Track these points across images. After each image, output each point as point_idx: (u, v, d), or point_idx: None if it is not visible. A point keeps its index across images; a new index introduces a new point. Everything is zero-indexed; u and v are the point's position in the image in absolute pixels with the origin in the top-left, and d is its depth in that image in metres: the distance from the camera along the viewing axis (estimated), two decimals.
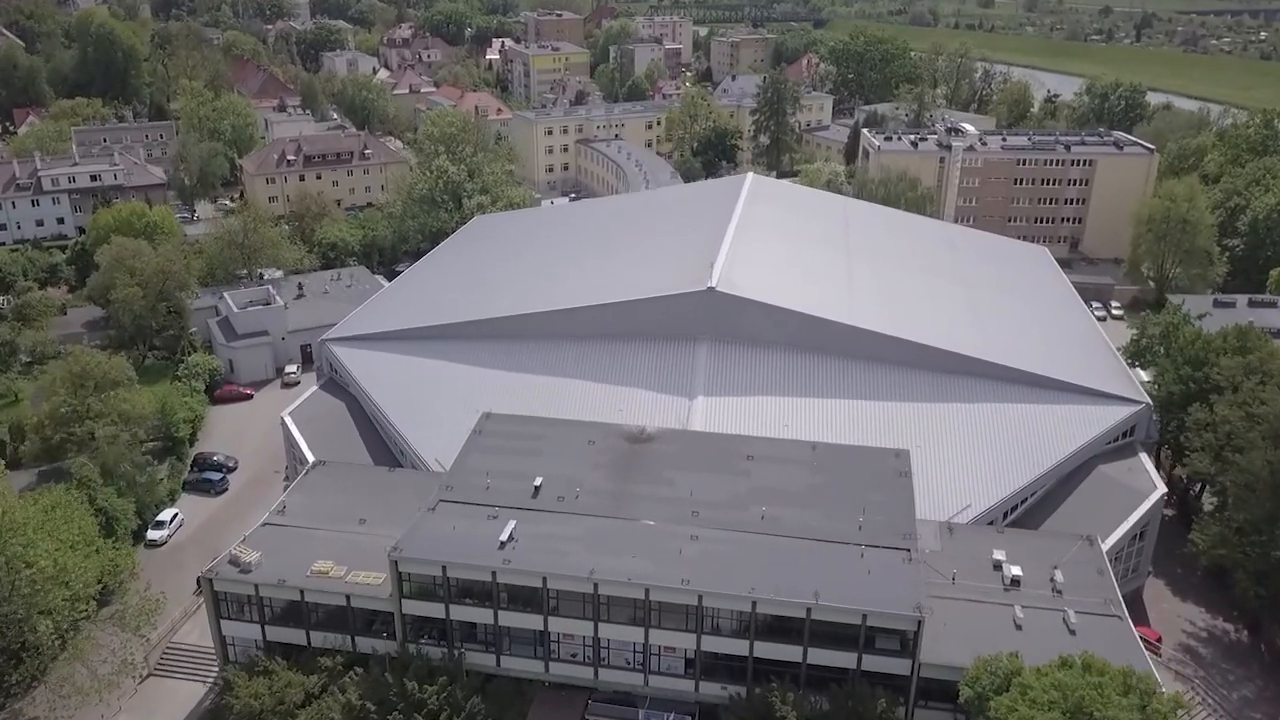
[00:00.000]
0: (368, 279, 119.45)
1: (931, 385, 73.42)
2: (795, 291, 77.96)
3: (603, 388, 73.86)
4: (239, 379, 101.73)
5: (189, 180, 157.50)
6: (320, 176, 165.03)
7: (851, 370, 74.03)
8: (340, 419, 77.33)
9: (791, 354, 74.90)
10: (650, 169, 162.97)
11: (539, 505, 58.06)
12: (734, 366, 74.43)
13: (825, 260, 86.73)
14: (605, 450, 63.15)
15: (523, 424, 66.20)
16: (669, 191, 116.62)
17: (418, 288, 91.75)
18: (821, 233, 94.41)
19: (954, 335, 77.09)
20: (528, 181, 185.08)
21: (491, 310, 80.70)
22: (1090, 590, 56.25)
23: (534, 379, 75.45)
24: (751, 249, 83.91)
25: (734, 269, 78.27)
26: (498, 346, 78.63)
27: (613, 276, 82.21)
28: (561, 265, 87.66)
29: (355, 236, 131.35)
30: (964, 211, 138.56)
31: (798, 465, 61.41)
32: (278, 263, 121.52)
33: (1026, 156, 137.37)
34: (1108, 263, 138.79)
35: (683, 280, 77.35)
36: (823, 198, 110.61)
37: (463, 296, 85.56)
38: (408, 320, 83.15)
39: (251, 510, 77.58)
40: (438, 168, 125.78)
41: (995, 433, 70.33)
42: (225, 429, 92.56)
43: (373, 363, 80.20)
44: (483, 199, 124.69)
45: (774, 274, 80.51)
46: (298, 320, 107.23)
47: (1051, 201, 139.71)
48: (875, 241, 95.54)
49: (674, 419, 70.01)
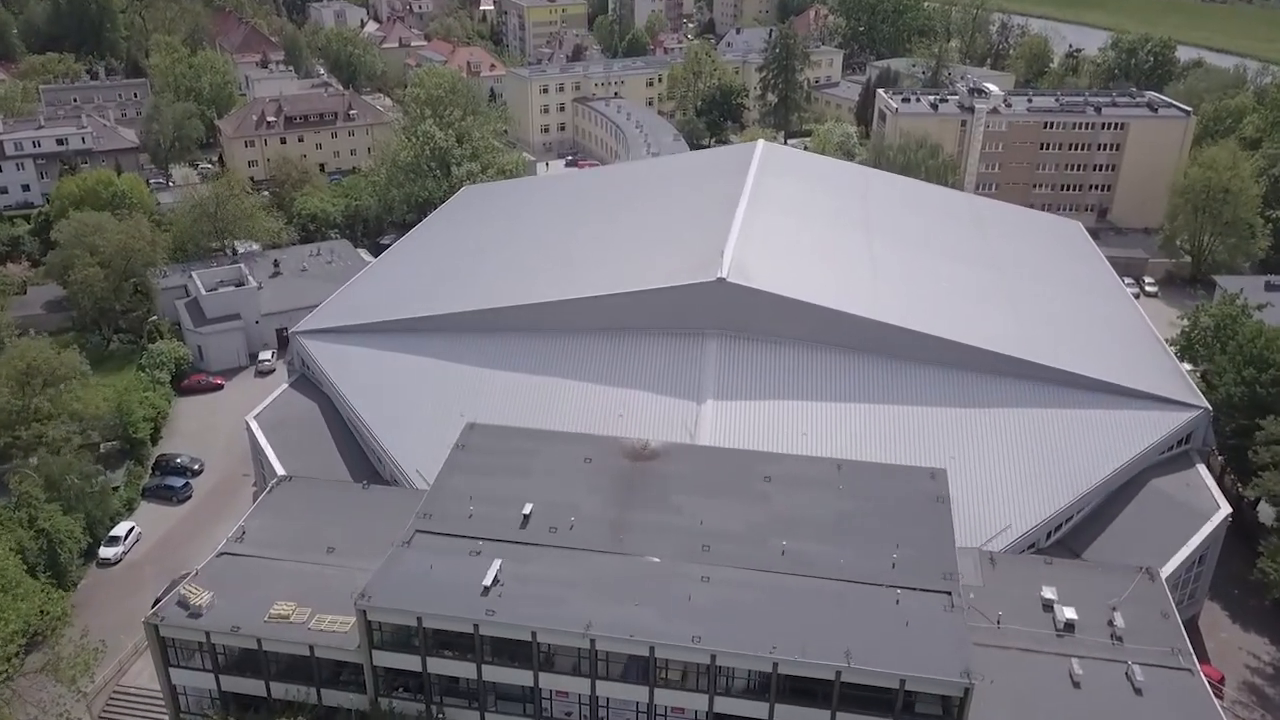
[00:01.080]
0: (349, 254, 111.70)
1: (964, 387, 66.28)
2: (813, 280, 70.48)
3: (601, 389, 66.69)
4: (208, 367, 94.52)
5: (163, 143, 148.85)
6: (302, 139, 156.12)
7: (876, 370, 66.82)
8: (312, 423, 70.17)
9: (809, 351, 67.65)
10: (651, 130, 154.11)
11: (528, 537, 51.11)
12: (746, 365, 67.22)
13: (845, 242, 79.05)
14: (603, 469, 56.13)
15: (510, 437, 59.11)
16: (673, 161, 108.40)
17: (399, 270, 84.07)
18: (839, 209, 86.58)
19: (987, 330, 69.75)
20: (522, 143, 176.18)
21: (478, 300, 73.23)
22: (1154, 637, 49.43)
23: (526, 379, 68.25)
24: (764, 230, 76.24)
25: (745, 255, 70.70)
26: (486, 341, 71.28)
27: (611, 263, 74.63)
28: (555, 248, 79.97)
29: (337, 207, 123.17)
30: (985, 179, 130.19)
31: (821, 488, 54.41)
32: (253, 235, 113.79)
33: (1054, 119, 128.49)
34: (1137, 233, 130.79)
35: (689, 268, 69.86)
36: (838, 168, 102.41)
37: (447, 283, 77.99)
38: (386, 310, 75.69)
39: (217, 521, 70.88)
40: (424, 133, 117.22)
41: (1036, 442, 63.28)
42: (192, 424, 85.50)
43: (348, 359, 72.91)
44: (472, 166, 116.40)
45: (789, 260, 72.94)
46: (273, 301, 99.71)
47: (1079, 168, 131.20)
48: (897, 219, 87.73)
49: (680, 425, 63.02)
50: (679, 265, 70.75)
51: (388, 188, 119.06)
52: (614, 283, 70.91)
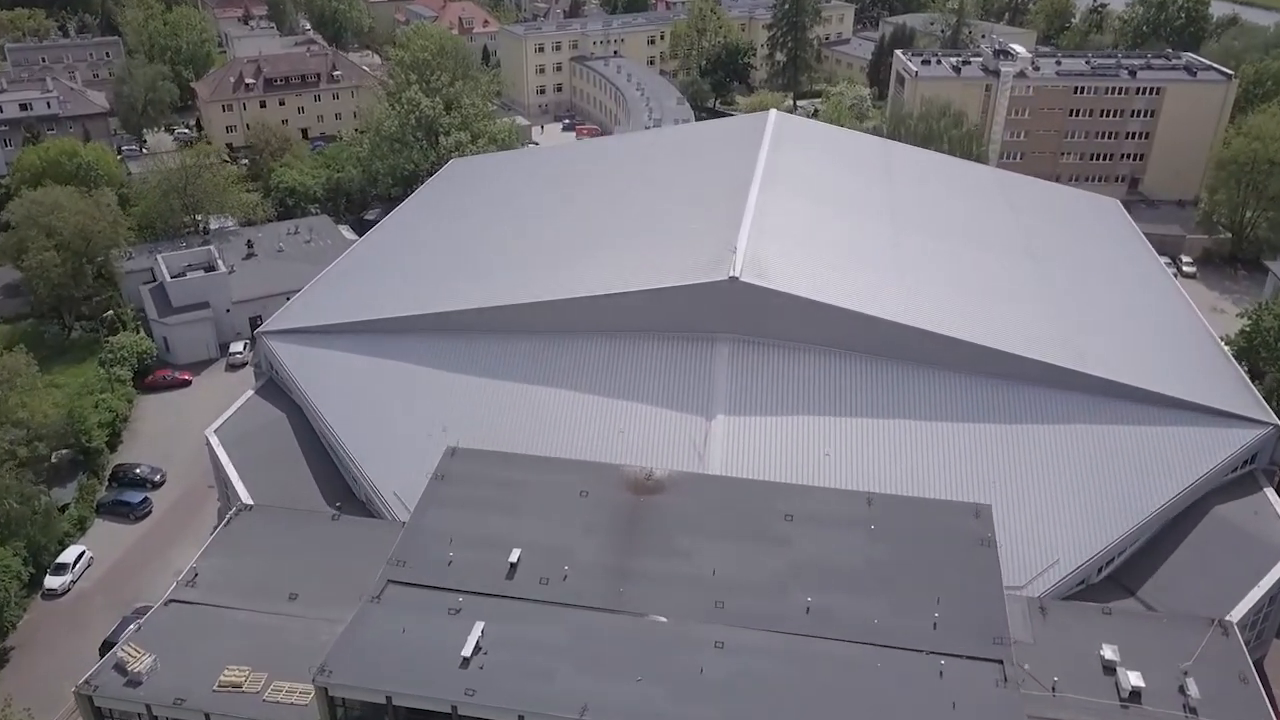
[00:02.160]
0: (330, 231, 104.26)
1: (1003, 400, 59.49)
2: (835, 278, 63.31)
3: (600, 401, 59.94)
4: (175, 360, 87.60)
5: (135, 108, 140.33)
6: (284, 102, 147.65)
7: (905, 380, 59.93)
8: (280, 436, 63.31)
9: (831, 358, 60.74)
10: (653, 93, 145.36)
11: (516, 590, 44.54)
12: (761, 374, 60.36)
13: (868, 231, 71.69)
14: (601, 504, 49.53)
15: (496, 464, 52.38)
16: (677, 133, 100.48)
17: (377, 261, 76.72)
18: (861, 191, 79.04)
19: (1027, 333, 62.70)
20: (517, 104, 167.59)
21: (464, 299, 66.10)
22: (1233, 708, 43.50)
23: (516, 388, 61.42)
24: (779, 218, 68.88)
25: (760, 248, 63.47)
26: (472, 344, 64.30)
27: (609, 256, 67.32)
28: (547, 237, 72.59)
29: (318, 179, 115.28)
30: (1010, 148, 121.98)
31: (850, 528, 47.83)
32: (226, 210, 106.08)
33: (1085, 83, 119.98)
34: (1170, 205, 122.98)
35: (697, 265, 62.68)
36: (857, 141, 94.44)
37: (430, 277, 70.79)
38: (362, 308, 68.61)
39: (178, 541, 64.69)
40: (409, 100, 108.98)
41: (1085, 464, 56.57)
42: (155, 426, 78.78)
43: (320, 364, 65.96)
44: (461, 136, 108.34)
45: (808, 253, 65.67)
46: (246, 287, 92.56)
47: (1111, 136, 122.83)
48: (924, 201, 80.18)
49: (688, 444, 56.38)
50: (686, 260, 63.56)
51: (371, 159, 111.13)
52: (613, 280, 63.73)
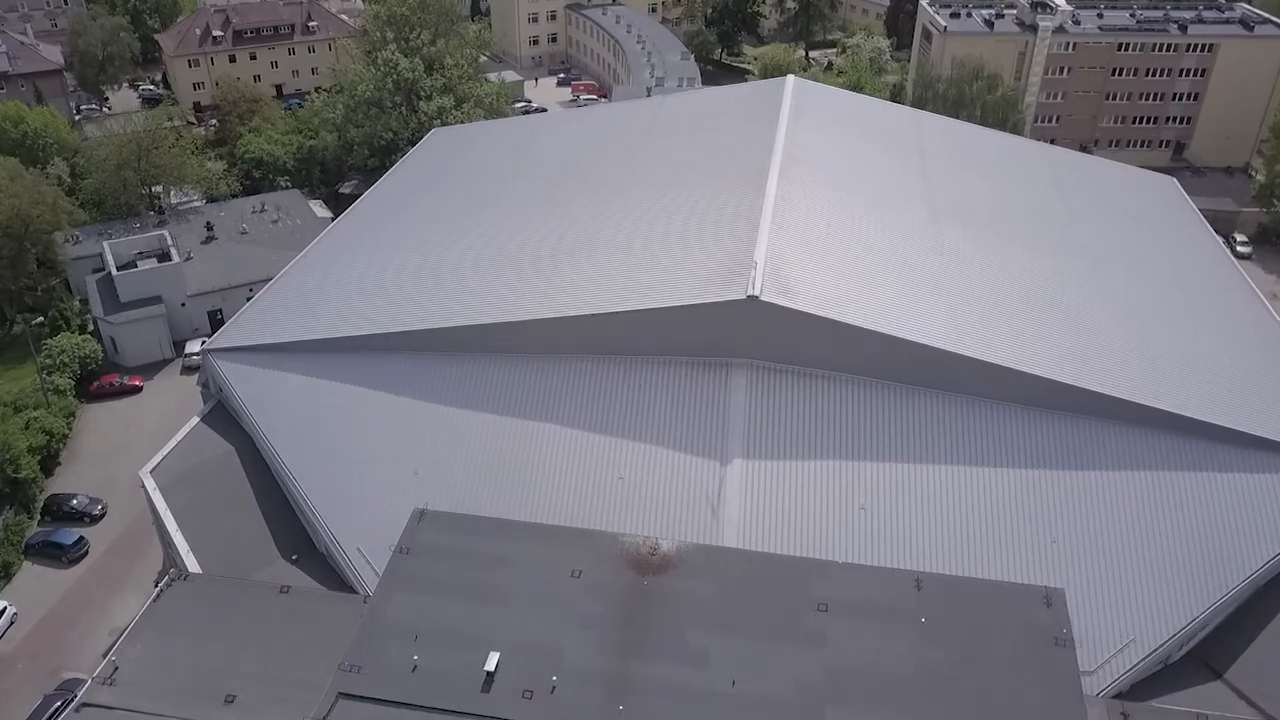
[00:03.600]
0: (299, 209, 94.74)
1: (1066, 439, 50.88)
2: (868, 291, 54.38)
3: (595, 440, 51.47)
4: (124, 362, 78.99)
5: (94, 64, 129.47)
6: (255, 56, 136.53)
7: (951, 416, 51.39)
8: (229, 475, 54.73)
9: (866, 390, 52.15)
10: (655, 46, 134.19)
11: (493, 707, 36.95)
12: (784, 407, 51.82)
13: (903, 228, 62.46)
14: (598, 588, 41.47)
15: (473, 533, 44.16)
16: (684, 102, 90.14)
17: (343, 257, 67.52)
18: (892, 176, 69.58)
19: (1089, 358, 53.98)
20: (509, 56, 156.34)
21: (441, 313, 57.18)
22: None
23: (499, 423, 52.87)
24: (802, 214, 59.70)
25: (782, 256, 54.46)
26: (451, 368, 55.51)
27: (608, 265, 58.17)
28: (536, 234, 63.40)
29: (288, 148, 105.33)
30: (1046, 110, 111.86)
31: (897, 622, 39.80)
32: (187, 181, 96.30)
33: (1130, 40, 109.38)
34: (1218, 173, 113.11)
35: (710, 278, 53.74)
36: (883, 112, 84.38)
37: (402, 282, 61.76)
38: (325, 322, 59.67)
39: (118, 591, 56.91)
40: (385, 61, 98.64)
41: (1164, 518, 48.27)
42: (100, 442, 70.43)
43: (275, 389, 57.33)
44: (444, 101, 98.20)
45: (836, 260, 56.63)
46: (205, 276, 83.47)
47: (1157, 97, 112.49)
48: (964, 188, 70.72)
49: (699, 493, 48.18)
50: (696, 270, 54.59)
51: (345, 126, 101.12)
52: (611, 295, 54.81)
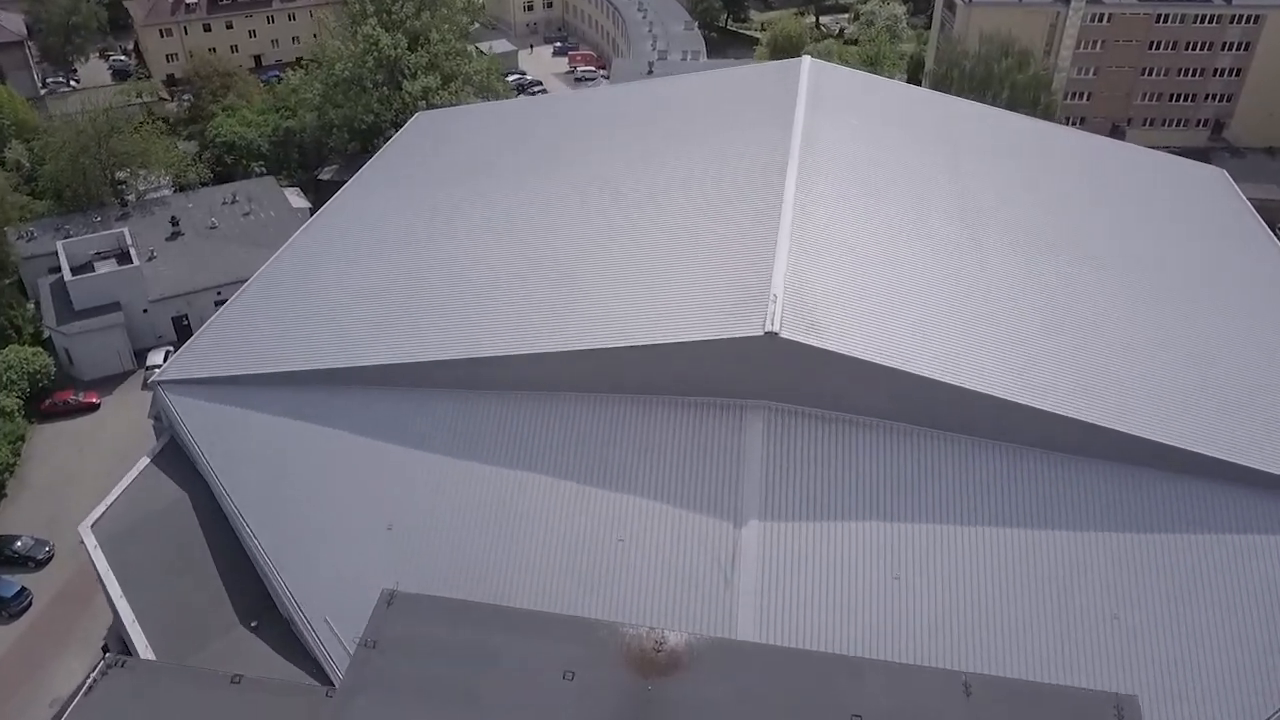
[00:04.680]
0: (274, 198, 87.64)
1: (1128, 495, 45.11)
2: (902, 324, 47.76)
3: (593, 494, 45.44)
4: (79, 375, 72.69)
5: (58, 34, 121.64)
6: (231, 25, 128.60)
7: (997, 467, 45.36)
8: (181, 528, 48.45)
9: (900, 438, 45.98)
10: (657, 14, 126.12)
11: None
12: (807, 458, 45.71)
13: (937, 240, 55.63)
14: (594, 693, 34.93)
15: (450, 621, 37.77)
16: (689, 86, 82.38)
17: (313, 270, 60.72)
18: (922, 176, 62.56)
19: (1158, 401, 47.77)
20: (502, 23, 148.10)
21: (420, 343, 50.60)
22: None
23: (485, 472, 46.56)
24: (825, 227, 52.93)
25: (804, 282, 47.91)
26: (431, 405, 49.37)
27: (606, 283, 51.60)
28: (526, 249, 56.71)
29: (263, 130, 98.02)
30: (1077, 86, 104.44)
31: None
32: (152, 166, 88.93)
33: (1169, 10, 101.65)
34: (1259, 153, 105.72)
35: (722, 306, 47.24)
36: (908, 98, 76.91)
37: (376, 304, 55.21)
38: (289, 350, 53.10)
39: (62, 652, 51.21)
40: (366, 37, 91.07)
41: (1245, 591, 42.73)
42: (50, 470, 64.31)
43: (233, 429, 51.03)
44: (429, 80, 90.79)
45: (865, 285, 50.01)
46: (168, 278, 76.82)
47: (1196, 73, 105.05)
48: (999, 187, 63.76)
49: (709, 559, 42.34)
50: (706, 300, 48.08)
51: (323, 107, 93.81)
52: (611, 327, 48.41)
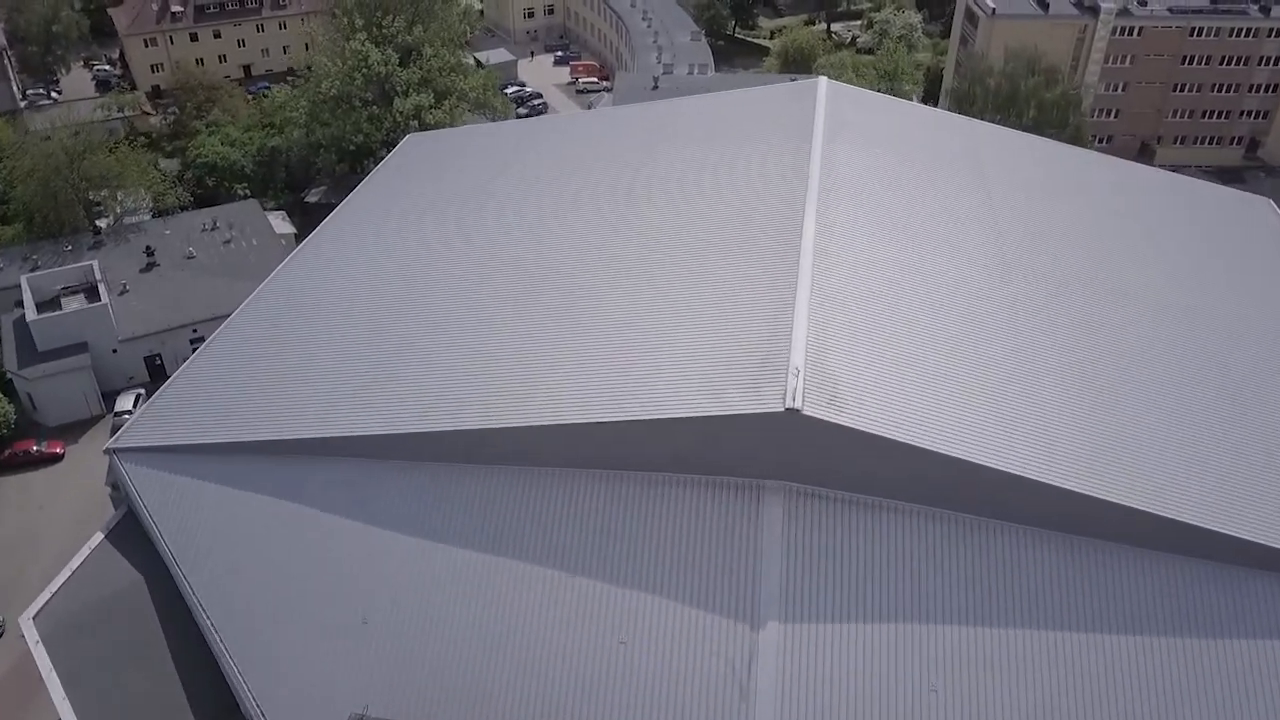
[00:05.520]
0: (257, 224, 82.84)
1: (1192, 593, 40.39)
2: (938, 394, 42.92)
3: (591, 589, 40.60)
4: (44, 421, 68.11)
5: (37, 45, 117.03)
6: (219, 34, 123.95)
7: (1046, 562, 40.24)
8: (136, 617, 43.59)
9: (936, 526, 41.23)
10: (663, 23, 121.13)
11: None
12: (831, 546, 40.76)
13: (971, 292, 50.85)
14: None
15: None
16: (696, 109, 77.11)
17: (286, 320, 55.85)
18: (951, 214, 57.43)
19: (1219, 485, 42.95)
20: (501, 30, 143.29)
21: (400, 414, 45.99)
22: None
23: (471, 560, 41.91)
24: (848, 277, 47.72)
25: (827, 346, 42.92)
26: (411, 480, 44.30)
27: (604, 346, 46.99)
28: (517, 301, 51.75)
29: (248, 149, 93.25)
30: (1105, 103, 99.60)
31: None
32: (128, 187, 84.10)
33: (1204, 24, 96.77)
34: None
35: (736, 377, 42.32)
36: (931, 123, 71.64)
37: (354, 363, 50.46)
38: (258, 415, 48.37)
39: None
40: (354, 53, 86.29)
41: None
42: (6, 533, 59.07)
43: (195, 504, 46.02)
44: (421, 99, 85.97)
45: (896, 350, 44.84)
46: (141, 314, 72.18)
47: (1231, 89, 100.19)
48: (1034, 227, 58.42)
49: (722, 666, 37.48)
50: (718, 368, 43.11)
51: (310, 125, 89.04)
52: (612, 395, 43.70)
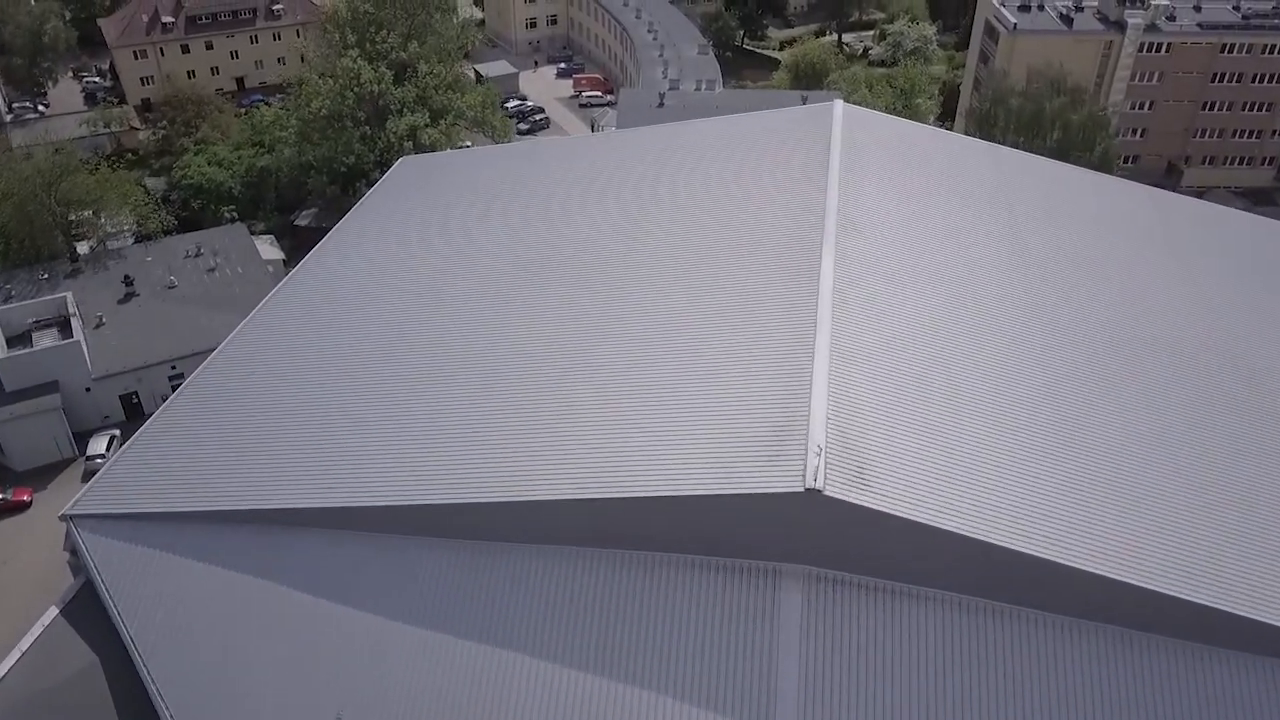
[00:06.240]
0: (243, 250, 79.17)
1: (1262, 698, 36.60)
2: (970, 472, 38.71)
3: (588, 684, 36.86)
4: (12, 464, 64.57)
5: (22, 58, 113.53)
6: (211, 45, 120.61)
7: (1094, 656, 36.56)
8: (90, 706, 40.42)
9: (971, 616, 37.41)
10: (669, 36, 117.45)
11: None
12: (856, 640, 36.71)
13: (1003, 346, 46.67)
14: None
15: None
16: (703, 136, 72.56)
17: (260, 371, 51.84)
18: (979, 256, 53.45)
19: None
20: (503, 40, 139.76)
21: (385, 482, 42.04)
22: None
23: (454, 647, 38.20)
24: (872, 337, 43.28)
25: (848, 419, 38.55)
26: (394, 559, 40.70)
27: (603, 410, 42.87)
28: (507, 356, 47.79)
29: (236, 170, 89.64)
30: (1130, 122, 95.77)
31: None
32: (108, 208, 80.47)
33: (1236, 40, 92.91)
34: None
35: (750, 449, 38.24)
36: (957, 152, 67.37)
37: (331, 426, 46.53)
38: (228, 481, 44.48)
39: None
40: (346, 71, 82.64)
41: None
42: None
43: (157, 580, 42.11)
44: (415, 119, 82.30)
45: (926, 418, 40.66)
46: (117, 349, 68.63)
47: (1263, 108, 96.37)
48: (1068, 268, 54.59)
49: None
50: (729, 437, 39.11)
51: (300, 145, 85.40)
52: (613, 470, 39.72)
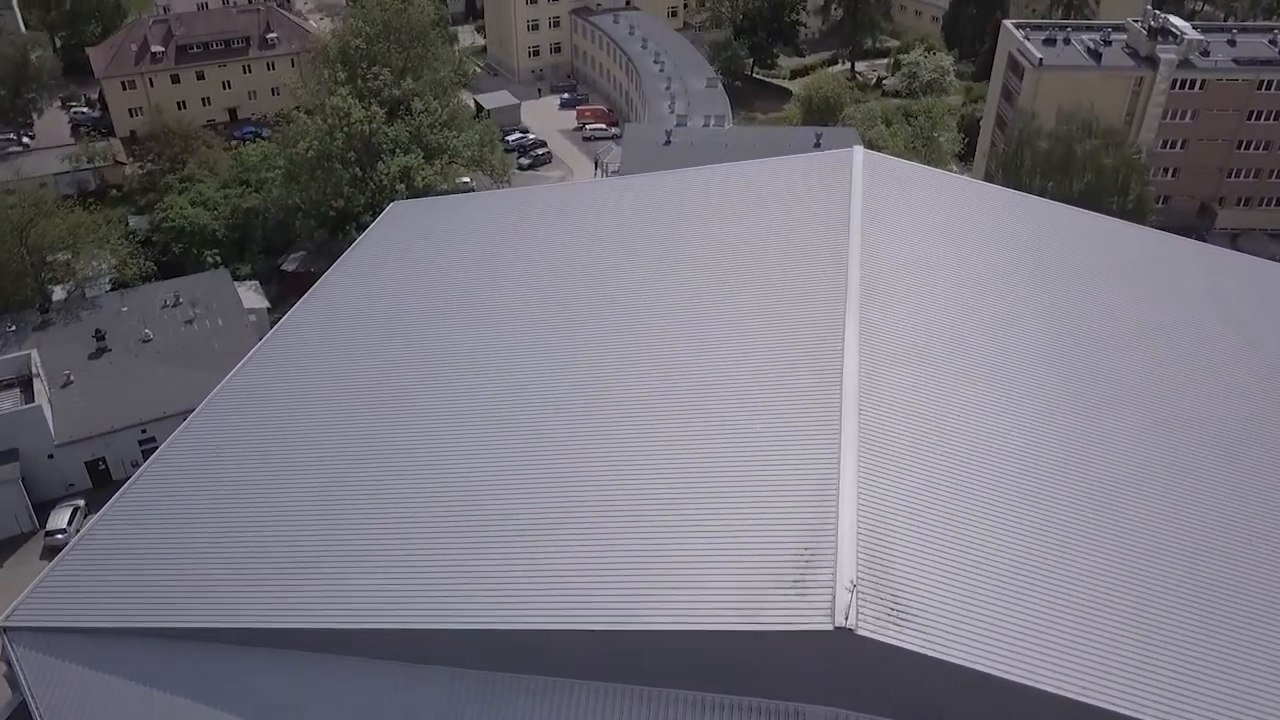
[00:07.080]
0: (225, 299, 74.38)
1: None
2: (1018, 605, 33.82)
3: None
4: None
5: (6, 86, 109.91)
6: (203, 76, 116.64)
7: None
8: None
9: None
10: (676, 67, 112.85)
11: None
12: None
13: (1047, 443, 41.95)
14: None
15: None
16: (712, 189, 68.28)
17: (223, 460, 47.48)
18: (1014, 328, 48.91)
19: None
20: (504, 68, 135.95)
21: (355, 600, 37.53)
22: None
23: None
24: (903, 436, 38.17)
25: (880, 545, 33.91)
26: (363, 685, 36.13)
27: (601, 526, 38.17)
28: (494, 463, 42.62)
29: (220, 212, 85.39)
30: (1162, 161, 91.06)
31: None
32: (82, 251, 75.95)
33: (1274, 77, 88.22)
34: None
35: (768, 576, 33.61)
36: (984, 204, 63.31)
37: (298, 519, 41.88)
38: (181, 592, 39.81)
39: None
40: (336, 110, 78.51)
41: None
42: None
43: (97, 704, 37.95)
44: (409, 159, 78.03)
45: (963, 544, 35.51)
46: (82, 413, 63.96)
47: None
48: (1110, 339, 50.24)
49: None
50: (751, 564, 34.32)
51: (287, 186, 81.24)
52: (618, 597, 34.90)
